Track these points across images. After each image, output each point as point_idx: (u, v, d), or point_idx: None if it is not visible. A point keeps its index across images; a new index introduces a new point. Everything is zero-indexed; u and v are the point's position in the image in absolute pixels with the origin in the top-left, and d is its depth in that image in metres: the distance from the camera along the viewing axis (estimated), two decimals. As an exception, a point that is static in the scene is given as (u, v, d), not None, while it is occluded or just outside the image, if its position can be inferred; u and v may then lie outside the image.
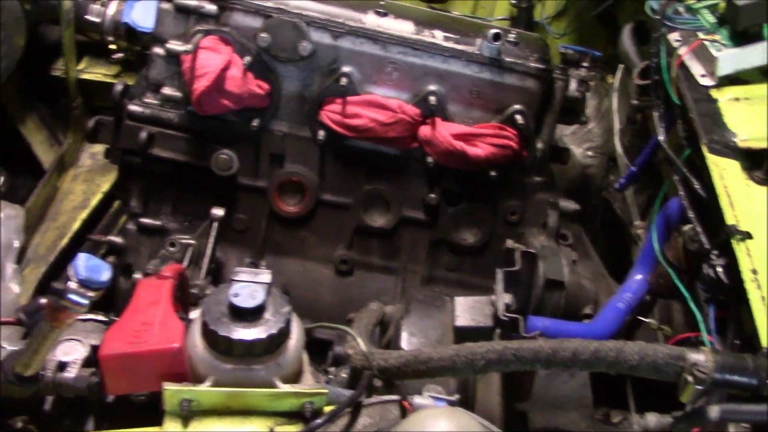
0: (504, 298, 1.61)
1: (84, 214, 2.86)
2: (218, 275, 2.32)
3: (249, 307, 1.32)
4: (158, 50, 2.21)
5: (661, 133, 1.73)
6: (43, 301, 1.57)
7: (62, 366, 1.48)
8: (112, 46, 2.96)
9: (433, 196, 2.31)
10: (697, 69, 1.70)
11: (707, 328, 1.45)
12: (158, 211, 2.31)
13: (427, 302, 1.88)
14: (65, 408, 1.56)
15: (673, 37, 1.77)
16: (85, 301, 1.22)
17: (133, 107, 2.23)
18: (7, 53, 2.42)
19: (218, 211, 2.22)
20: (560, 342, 1.15)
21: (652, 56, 1.76)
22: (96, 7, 2.87)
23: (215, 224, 2.22)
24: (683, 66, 1.71)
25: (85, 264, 1.23)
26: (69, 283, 1.22)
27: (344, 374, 1.80)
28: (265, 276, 1.38)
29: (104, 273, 1.25)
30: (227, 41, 2.15)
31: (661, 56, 1.74)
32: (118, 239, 2.32)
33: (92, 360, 1.52)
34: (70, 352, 1.48)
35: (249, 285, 1.34)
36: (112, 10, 2.89)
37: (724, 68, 1.65)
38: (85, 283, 1.21)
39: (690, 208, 1.58)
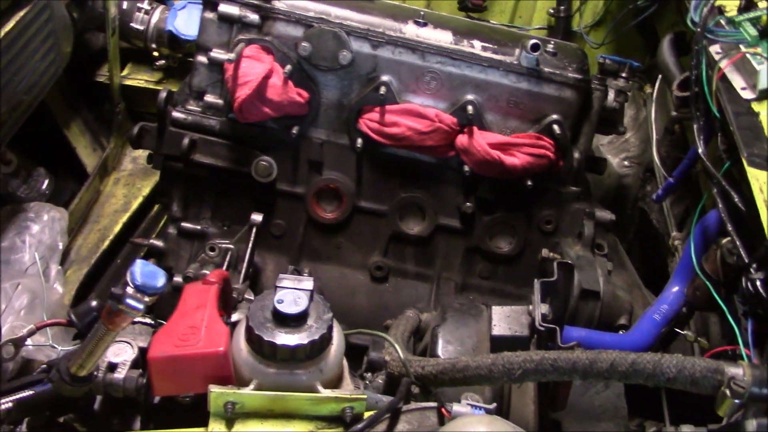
0: (541, 308, 1.62)
1: (125, 217, 2.93)
2: (256, 279, 2.36)
3: (293, 314, 1.35)
4: (202, 58, 2.25)
5: (700, 146, 1.72)
6: (94, 303, 1.62)
7: (112, 367, 1.53)
8: (155, 53, 3.03)
9: (468, 204, 2.33)
10: (738, 82, 1.69)
11: (745, 341, 1.45)
12: (198, 215, 2.36)
13: (463, 310, 1.89)
14: (113, 407, 1.61)
15: (714, 49, 1.77)
16: (141, 306, 1.26)
17: (177, 114, 2.27)
18: (54, 60, 2.49)
19: (257, 217, 2.26)
20: (598, 353, 1.16)
21: (692, 68, 1.75)
22: (140, 15, 2.94)
23: (254, 229, 2.26)
24: (724, 78, 1.71)
25: (141, 270, 1.27)
26: (126, 288, 1.26)
27: (380, 380, 1.82)
28: (308, 283, 1.41)
29: (160, 279, 1.29)
30: (269, 50, 2.19)
31: (702, 68, 1.74)
32: (159, 242, 2.37)
33: (140, 362, 1.57)
34: (120, 353, 1.53)
35: (293, 291, 1.38)
36: (155, 18, 2.96)
37: (766, 81, 1.65)
38: (141, 289, 1.25)
39: (728, 221, 1.57)
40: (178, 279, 2.23)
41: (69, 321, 1.59)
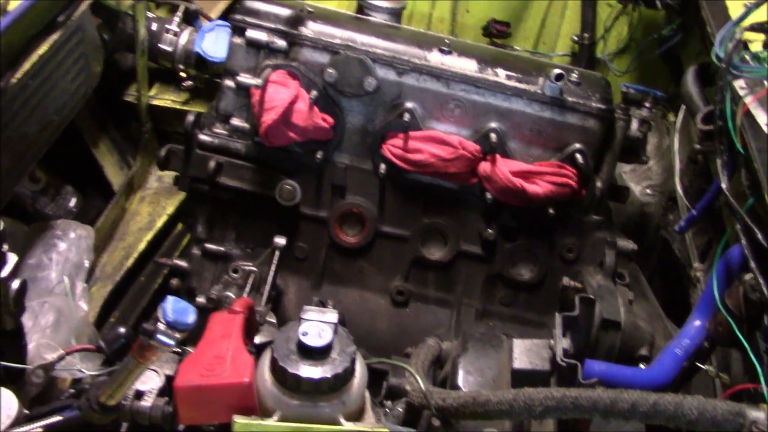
0: (562, 343, 1.62)
1: (149, 236, 2.96)
2: (278, 302, 2.38)
3: (317, 346, 1.37)
4: (229, 83, 2.29)
5: (723, 181, 1.72)
6: (122, 330, 1.65)
7: (139, 395, 1.55)
8: (182, 74, 3.07)
9: (490, 231, 2.34)
10: (762, 118, 1.69)
11: (766, 378, 1.44)
12: (222, 237, 2.39)
13: (484, 340, 1.90)
14: (139, 435, 1.63)
15: (739, 84, 1.77)
16: (172, 342, 1.29)
17: (203, 137, 2.31)
18: (85, 80, 2.53)
19: (280, 240, 2.28)
20: (619, 393, 1.16)
21: (716, 103, 1.76)
22: (169, 36, 2.98)
23: (277, 252, 2.28)
24: (748, 114, 1.71)
25: (173, 307, 1.30)
26: (158, 324, 1.29)
27: (400, 408, 1.83)
28: (332, 315, 1.43)
29: (190, 315, 1.32)
30: (295, 76, 2.22)
31: (726, 103, 1.74)
32: (182, 263, 2.40)
33: (167, 390, 1.59)
34: (147, 381, 1.55)
35: (317, 324, 1.39)
36: (183, 39, 2.99)
37: (790, 118, 1.65)
38: (172, 325, 1.28)
39: (751, 257, 1.57)
40: (201, 300, 2.26)
41: (97, 347, 1.62)
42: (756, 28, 1.83)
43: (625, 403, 1.14)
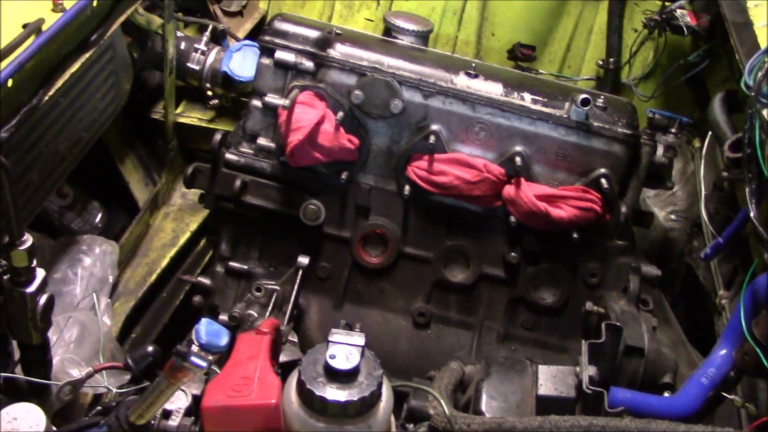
0: (589, 370, 1.61)
1: (172, 252, 2.98)
2: (299, 321, 2.39)
3: (344, 369, 1.37)
4: (256, 102, 2.31)
5: (752, 209, 1.71)
6: (150, 348, 1.65)
7: (167, 414, 1.55)
8: (209, 93, 3.11)
9: (513, 254, 2.34)
10: (791, 146, 1.69)
11: (795, 411, 1.43)
12: (246, 255, 2.40)
13: (508, 365, 1.89)
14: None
15: (768, 112, 1.77)
16: (205, 364, 1.30)
17: (230, 156, 2.33)
18: (114, 98, 2.56)
19: (304, 260, 2.29)
20: (647, 423, 1.15)
21: (745, 131, 1.75)
22: (197, 55, 3.02)
23: (300, 272, 2.29)
24: (777, 142, 1.70)
25: (206, 329, 1.30)
26: (191, 346, 1.29)
27: (422, 431, 1.82)
28: (359, 338, 1.43)
29: (223, 338, 1.33)
30: (322, 97, 2.24)
31: (755, 132, 1.73)
32: (206, 280, 2.41)
33: (194, 409, 1.59)
34: (174, 400, 1.55)
35: (345, 347, 1.40)
36: (211, 58, 3.03)
37: (820, 147, 1.64)
38: (205, 348, 1.28)
39: (780, 287, 1.56)
40: (223, 318, 2.27)
41: (125, 365, 1.62)
42: (785, 56, 1.83)
43: (654, 434, 1.13)
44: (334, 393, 1.37)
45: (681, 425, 1.14)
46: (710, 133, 2.43)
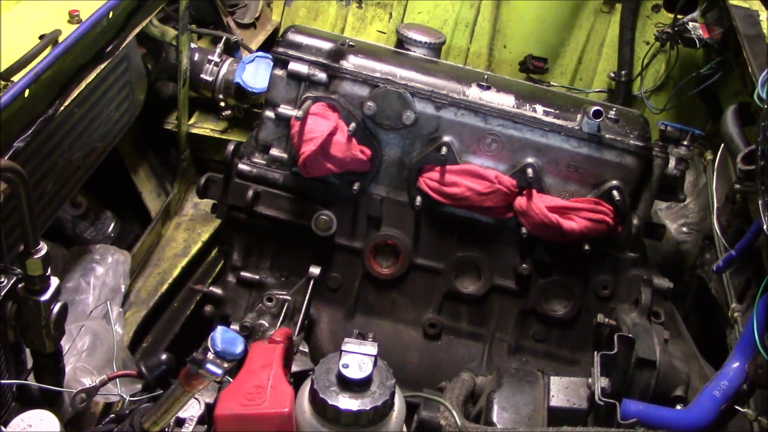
0: (601, 382, 1.61)
1: (184, 262, 3.00)
2: (310, 331, 2.39)
3: (357, 379, 1.38)
4: (269, 113, 2.32)
5: (765, 222, 1.71)
6: (164, 357, 1.66)
7: (180, 422, 1.56)
8: (222, 104, 3.13)
9: (525, 266, 2.33)
10: (804, 159, 1.68)
11: (809, 425, 1.42)
12: (258, 265, 2.41)
13: (519, 377, 1.89)
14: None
15: (781, 124, 1.76)
16: (220, 371, 1.30)
17: (242, 166, 2.34)
18: (128, 108, 2.59)
19: (315, 270, 2.29)
20: (660, 434, 1.15)
21: (758, 144, 1.75)
22: (210, 66, 3.04)
23: (311, 282, 2.29)
24: (790, 155, 1.70)
25: (221, 337, 1.31)
26: (207, 353, 1.30)
27: (433, 442, 1.82)
28: (372, 348, 1.43)
29: (239, 346, 1.33)
30: (335, 108, 2.25)
31: (768, 144, 1.73)
32: (217, 290, 2.42)
33: (207, 418, 1.60)
34: (188, 408, 1.56)
35: (358, 356, 1.40)
36: (224, 70, 3.06)
37: (833, 160, 1.64)
38: (221, 355, 1.29)
39: (793, 299, 1.56)
40: (234, 327, 2.27)
41: (139, 373, 1.63)
42: (798, 69, 1.83)
43: (667, 445, 1.12)
44: (347, 402, 1.37)
45: (694, 437, 1.14)
46: (722, 145, 2.43)
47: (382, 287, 2.42)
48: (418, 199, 2.30)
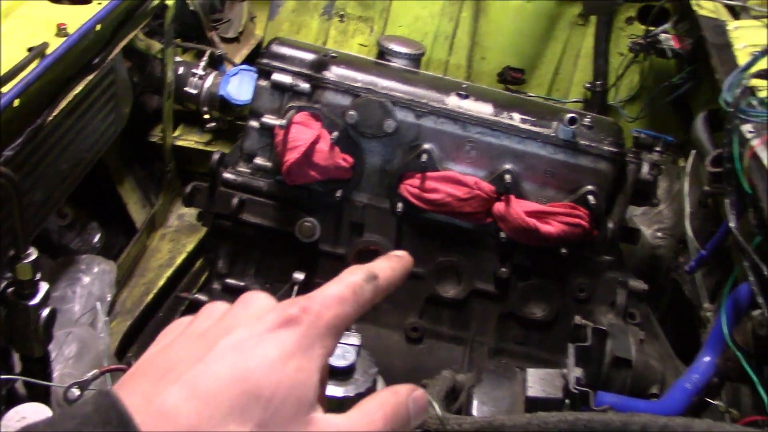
0: (575, 372, 1.66)
1: (169, 272, 3.03)
2: (295, 336, 2.43)
3: (341, 367, 1.43)
4: (254, 123, 2.38)
5: (732, 220, 1.78)
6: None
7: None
8: (206, 116, 3.18)
9: (504, 270, 2.39)
10: (769, 159, 1.76)
11: (775, 412, 1.48)
12: (243, 272, 2.45)
13: (498, 372, 1.95)
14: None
15: (747, 128, 1.83)
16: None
17: (227, 175, 2.39)
18: (114, 120, 2.63)
19: (299, 275, 2.33)
20: (630, 415, 1.21)
21: (725, 146, 1.82)
22: (194, 80, 3.10)
23: (295, 287, 2.34)
24: (755, 157, 1.77)
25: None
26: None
27: (416, 437, 1.87)
28: (355, 338, 1.48)
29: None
30: (317, 117, 2.31)
31: (734, 146, 1.81)
32: (203, 297, 2.45)
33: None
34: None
35: (341, 346, 1.45)
36: (209, 83, 3.11)
37: (796, 160, 1.71)
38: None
39: (760, 293, 1.62)
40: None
41: (130, 367, 1.66)
42: (762, 75, 1.91)
43: (636, 426, 1.18)
44: (331, 389, 1.42)
45: (662, 417, 1.19)
46: (694, 152, 2.50)
47: (365, 292, 2.46)
48: (400, 205, 2.36)
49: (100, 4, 2.22)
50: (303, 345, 0.73)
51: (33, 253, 1.75)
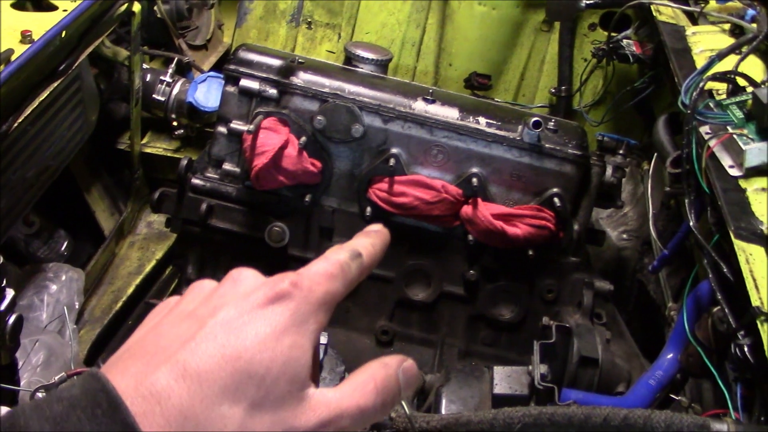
0: (540, 369, 1.69)
1: (138, 280, 3.01)
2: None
3: (308, 365, 1.44)
4: (222, 129, 2.38)
5: (691, 219, 1.82)
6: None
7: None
8: (174, 123, 3.18)
9: (472, 272, 2.42)
10: (726, 160, 1.80)
11: (735, 405, 1.52)
12: (212, 278, 2.40)
13: (466, 372, 1.97)
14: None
15: (704, 130, 1.88)
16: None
17: (196, 181, 2.39)
18: (81, 128, 2.62)
19: (269, 280, 2.34)
20: (592, 408, 1.23)
21: (683, 147, 1.87)
22: (162, 87, 3.09)
23: (266, 292, 2.34)
24: (713, 157, 1.82)
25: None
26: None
27: (386, 437, 1.88)
28: (323, 337, 1.49)
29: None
30: (285, 122, 2.32)
31: (692, 147, 1.85)
32: (173, 303, 2.45)
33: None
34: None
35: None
36: (176, 90, 3.11)
37: (752, 160, 1.75)
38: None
39: (719, 290, 1.66)
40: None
41: (99, 367, 1.66)
42: (718, 77, 1.96)
43: (598, 418, 1.21)
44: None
45: (623, 409, 1.22)
46: (656, 155, 2.56)
47: (335, 297, 2.47)
48: (369, 209, 2.37)
49: (65, 11, 2.22)
50: (296, 320, 0.72)
51: (-1, 259, 1.74)
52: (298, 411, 0.69)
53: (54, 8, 2.22)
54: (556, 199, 2.35)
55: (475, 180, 2.33)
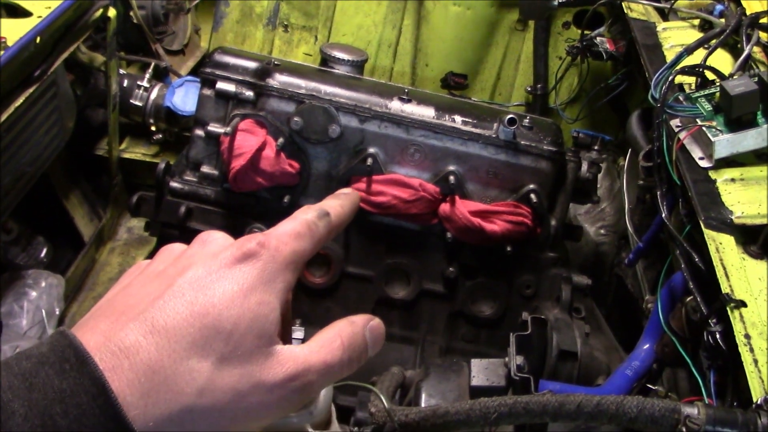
0: (516, 360, 1.71)
1: (119, 286, 3.01)
2: (247, 343, 2.44)
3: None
4: (199, 132, 2.39)
5: (663, 211, 1.85)
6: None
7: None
8: (153, 128, 3.18)
9: (451, 269, 2.44)
10: (696, 152, 1.83)
11: (708, 392, 1.54)
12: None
13: (445, 367, 1.99)
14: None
15: (674, 123, 1.91)
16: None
17: (174, 184, 2.40)
18: (58, 134, 2.62)
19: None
20: (566, 396, 1.25)
21: (654, 140, 1.90)
22: (140, 92, 3.09)
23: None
24: (683, 149, 1.85)
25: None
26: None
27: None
28: (299, 332, 1.51)
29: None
30: (262, 124, 2.33)
31: (663, 140, 1.88)
32: (153, 307, 2.45)
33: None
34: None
35: (285, 339, 1.47)
36: (154, 94, 3.11)
37: (721, 152, 1.78)
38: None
39: (691, 280, 1.68)
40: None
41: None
42: (687, 71, 1.99)
43: (572, 405, 1.22)
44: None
45: (596, 396, 1.24)
46: (630, 150, 2.59)
47: (315, 296, 2.49)
48: (347, 209, 2.38)
49: (39, 17, 2.22)
50: (263, 279, 0.74)
51: (-24, 266, 1.74)
52: (266, 365, 0.71)
53: (28, 14, 2.22)
54: (532, 195, 2.38)
55: (452, 178, 2.35)
